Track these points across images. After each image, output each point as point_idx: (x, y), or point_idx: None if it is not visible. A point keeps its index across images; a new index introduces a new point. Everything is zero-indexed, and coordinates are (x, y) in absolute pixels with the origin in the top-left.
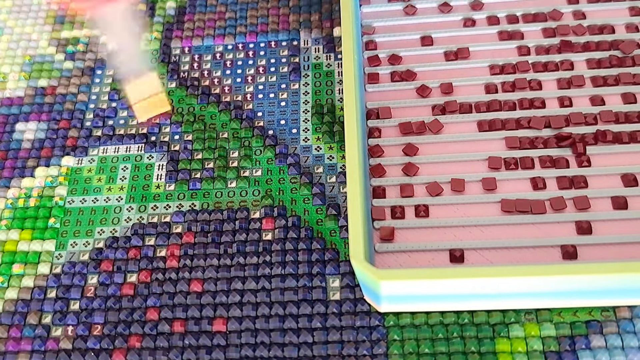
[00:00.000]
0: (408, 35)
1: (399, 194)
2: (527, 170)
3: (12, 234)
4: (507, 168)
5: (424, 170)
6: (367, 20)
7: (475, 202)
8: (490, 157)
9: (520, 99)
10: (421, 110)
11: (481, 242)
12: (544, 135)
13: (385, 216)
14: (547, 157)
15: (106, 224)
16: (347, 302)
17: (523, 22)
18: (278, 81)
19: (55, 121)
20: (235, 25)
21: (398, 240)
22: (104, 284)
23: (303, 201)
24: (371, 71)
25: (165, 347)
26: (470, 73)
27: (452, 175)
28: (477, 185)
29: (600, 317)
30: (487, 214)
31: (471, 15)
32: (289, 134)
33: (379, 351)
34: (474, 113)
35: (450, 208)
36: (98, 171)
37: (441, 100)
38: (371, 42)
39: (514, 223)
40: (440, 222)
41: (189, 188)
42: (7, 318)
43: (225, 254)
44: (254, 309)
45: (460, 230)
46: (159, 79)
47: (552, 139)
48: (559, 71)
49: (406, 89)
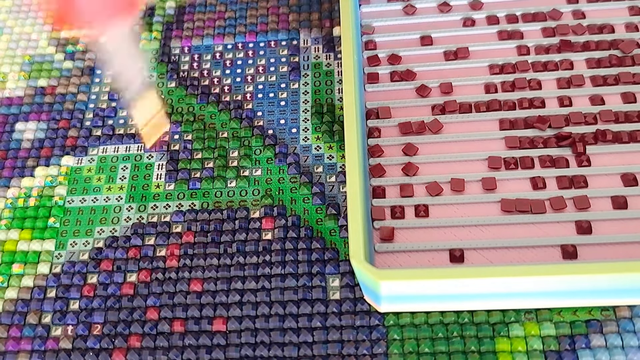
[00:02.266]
0: (407, 35)
1: (398, 193)
2: (527, 170)
3: (12, 234)
4: (506, 168)
5: (424, 170)
6: (366, 20)
7: (475, 202)
8: (490, 156)
9: (519, 99)
10: (421, 110)
11: (481, 242)
12: (544, 135)
13: (385, 216)
14: (546, 156)
15: (106, 224)
16: (347, 301)
17: (522, 22)
18: (278, 81)
19: (55, 121)
20: (235, 24)
21: (398, 240)
22: (104, 283)
23: (303, 201)
24: (371, 71)
25: (165, 346)
26: (470, 73)
27: (451, 174)
28: (477, 185)
29: (600, 317)
30: (487, 213)
31: (471, 15)
32: (288, 133)
33: (379, 350)
34: (473, 113)
35: (450, 208)
36: (98, 171)
37: (441, 100)
38: (371, 41)
39: (513, 223)
40: (440, 222)
41: (189, 188)
42: (7, 318)
43: (225, 253)
44: (253, 309)
45: (460, 230)
46: (158, 96)
47: (552, 139)
48: (559, 71)
49: (406, 88)
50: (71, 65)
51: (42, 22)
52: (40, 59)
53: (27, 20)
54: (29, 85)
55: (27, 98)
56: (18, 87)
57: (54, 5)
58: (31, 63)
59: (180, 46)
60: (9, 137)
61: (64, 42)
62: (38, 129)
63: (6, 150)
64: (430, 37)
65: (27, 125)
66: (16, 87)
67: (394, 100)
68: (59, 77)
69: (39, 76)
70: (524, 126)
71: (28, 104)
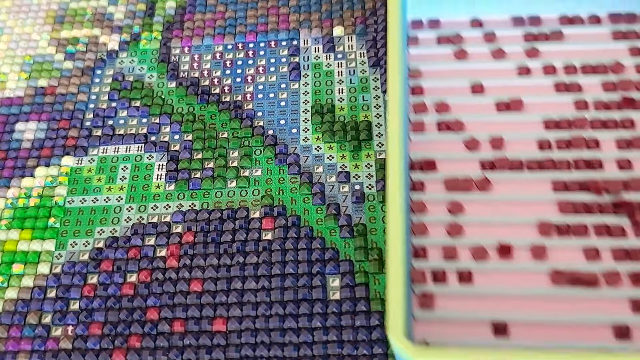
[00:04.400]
0: (457, 81)
1: (441, 255)
2: (580, 238)
3: (12, 234)
4: (558, 234)
5: (469, 232)
6: (414, 62)
7: (523, 271)
8: (541, 222)
9: (575, 159)
10: (468, 164)
11: (527, 315)
12: (600, 201)
13: (426, 279)
14: (602, 224)
15: (106, 224)
16: (346, 301)
17: (581, 74)
18: (278, 81)
19: (55, 121)
20: (235, 25)
21: (438, 307)
22: (104, 283)
23: (303, 201)
24: (417, 119)
25: (165, 347)
26: (523, 127)
27: (499, 238)
28: (526, 252)
29: None
30: (535, 284)
31: (526, 63)
32: (288, 133)
33: (379, 351)
34: (525, 171)
35: (495, 275)
36: (98, 171)
37: (490, 155)
38: (418, 87)
39: (563, 296)
40: (485, 290)
41: (189, 188)
42: (7, 318)
43: (225, 253)
44: (253, 309)
45: (505, 300)
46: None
47: (609, 205)
48: (619, 130)
49: (453, 140)
50: (71, 66)
51: (42, 22)
52: (41, 59)
53: (27, 21)
54: (29, 86)
55: (27, 98)
56: (18, 87)
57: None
58: (31, 63)
59: (181, 46)
60: (9, 137)
61: (64, 42)
62: (38, 129)
63: (6, 151)
64: (481, 85)
65: (27, 125)
66: (16, 87)
67: (440, 151)
68: (59, 77)
69: (39, 76)
70: (579, 189)
71: (28, 104)
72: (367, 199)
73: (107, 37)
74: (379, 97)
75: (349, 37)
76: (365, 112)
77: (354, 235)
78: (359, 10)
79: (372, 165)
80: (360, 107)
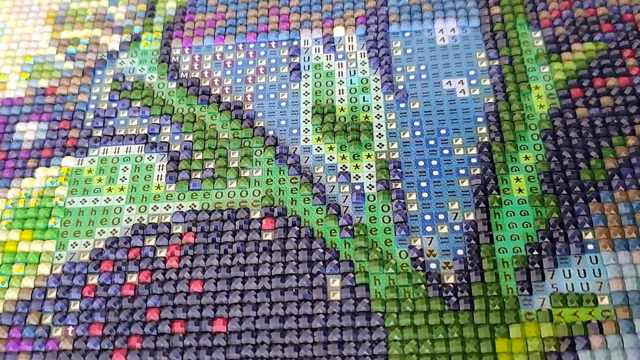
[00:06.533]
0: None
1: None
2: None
3: (13, 235)
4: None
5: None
6: None
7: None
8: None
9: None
10: None
11: None
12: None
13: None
14: None
15: (106, 225)
16: (347, 302)
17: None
18: (278, 81)
19: (56, 121)
20: (235, 25)
21: None
22: (105, 284)
23: (303, 201)
24: None
25: (166, 347)
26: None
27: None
28: None
29: (601, 317)
30: None
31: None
32: (289, 134)
33: (379, 351)
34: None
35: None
36: (98, 172)
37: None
38: None
39: None
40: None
41: (189, 188)
42: (8, 318)
43: (226, 254)
44: (254, 309)
45: None
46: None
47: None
48: None
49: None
50: (72, 66)
51: (42, 23)
52: (41, 59)
53: (28, 21)
54: (29, 86)
55: (27, 99)
56: (19, 88)
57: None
58: (32, 64)
59: (181, 47)
60: (10, 137)
61: (65, 42)
62: (38, 129)
63: (7, 151)
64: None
65: (28, 125)
66: (17, 88)
67: None
68: (59, 78)
69: (40, 77)
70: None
71: (28, 105)
72: (368, 199)
73: (107, 38)
74: (380, 98)
75: (350, 38)
76: (365, 112)
77: (354, 236)
78: (360, 10)
79: (373, 165)
80: (360, 108)
